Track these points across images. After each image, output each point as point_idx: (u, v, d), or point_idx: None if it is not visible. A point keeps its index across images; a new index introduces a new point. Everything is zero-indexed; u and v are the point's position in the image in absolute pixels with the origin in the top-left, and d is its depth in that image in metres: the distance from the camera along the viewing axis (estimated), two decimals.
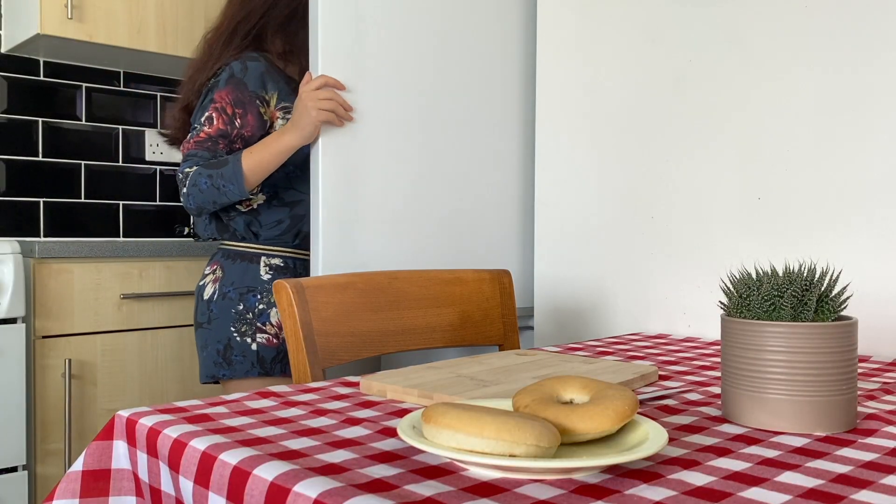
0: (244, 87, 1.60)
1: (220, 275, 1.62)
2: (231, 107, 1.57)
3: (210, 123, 1.56)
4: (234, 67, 1.61)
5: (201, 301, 1.63)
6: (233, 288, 1.59)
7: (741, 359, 0.75)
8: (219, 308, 1.59)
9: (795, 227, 1.35)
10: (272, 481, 0.57)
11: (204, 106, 1.59)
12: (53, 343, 2.00)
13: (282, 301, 1.13)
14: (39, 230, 2.57)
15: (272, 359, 1.58)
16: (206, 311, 1.61)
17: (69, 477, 0.75)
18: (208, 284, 1.63)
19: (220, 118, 1.56)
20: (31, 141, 2.54)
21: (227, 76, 1.59)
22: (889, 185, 1.24)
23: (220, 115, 1.56)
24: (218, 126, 1.56)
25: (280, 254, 1.64)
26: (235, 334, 1.57)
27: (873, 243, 1.26)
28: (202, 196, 1.51)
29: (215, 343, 1.59)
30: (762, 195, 1.39)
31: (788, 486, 0.57)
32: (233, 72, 1.60)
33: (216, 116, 1.56)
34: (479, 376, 0.93)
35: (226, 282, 1.60)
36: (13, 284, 1.92)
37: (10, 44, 2.42)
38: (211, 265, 1.65)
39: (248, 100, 1.59)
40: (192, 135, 1.56)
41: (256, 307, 1.58)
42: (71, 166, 2.62)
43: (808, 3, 1.33)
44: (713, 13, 1.46)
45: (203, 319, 1.62)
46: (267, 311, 1.58)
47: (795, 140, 1.35)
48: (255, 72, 1.61)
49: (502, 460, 0.55)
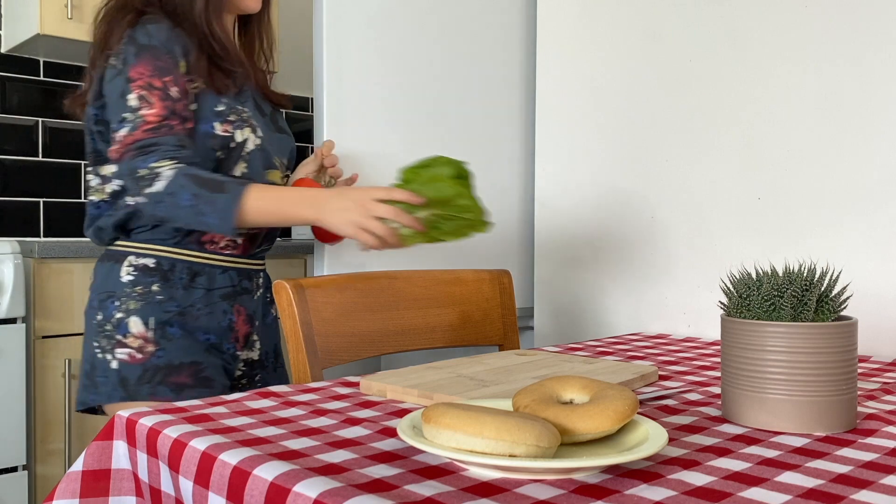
0: (159, 53, 1.25)
1: (91, 281, 1.35)
2: (158, 79, 1.23)
3: (147, 104, 1.21)
4: (134, 36, 1.25)
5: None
6: (94, 295, 1.30)
7: (741, 359, 0.75)
8: (85, 320, 1.32)
9: (795, 227, 1.35)
10: (272, 481, 0.57)
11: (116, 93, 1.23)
12: (53, 343, 2.00)
13: (281, 301, 1.13)
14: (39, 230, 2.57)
15: (137, 379, 1.24)
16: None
17: (69, 477, 0.75)
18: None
19: (154, 94, 1.22)
20: (31, 141, 2.54)
21: (133, 49, 1.24)
22: (889, 184, 1.24)
23: (150, 91, 1.22)
24: (158, 104, 1.22)
25: (153, 253, 1.29)
26: (97, 350, 1.27)
27: (873, 243, 1.26)
28: (175, 211, 1.18)
29: (84, 363, 1.30)
30: (762, 195, 1.39)
31: (788, 486, 0.57)
32: (136, 41, 1.25)
33: (148, 94, 1.22)
34: (479, 376, 0.93)
35: (92, 288, 1.32)
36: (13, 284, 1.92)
37: (10, 44, 2.43)
38: None
39: (170, 66, 1.25)
40: (127, 128, 1.21)
41: (114, 316, 1.26)
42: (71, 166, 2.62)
43: (808, 3, 1.33)
44: (713, 13, 1.46)
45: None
46: (125, 321, 1.25)
47: (795, 140, 1.35)
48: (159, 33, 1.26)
49: (502, 460, 0.55)
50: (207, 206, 1.17)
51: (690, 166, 1.49)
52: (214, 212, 1.17)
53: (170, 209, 1.18)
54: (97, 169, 1.33)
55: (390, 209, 1.11)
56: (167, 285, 1.28)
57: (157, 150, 1.20)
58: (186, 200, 1.17)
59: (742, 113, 1.42)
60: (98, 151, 1.32)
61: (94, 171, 1.33)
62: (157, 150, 1.20)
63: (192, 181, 1.17)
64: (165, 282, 1.28)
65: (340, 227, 1.14)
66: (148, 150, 1.20)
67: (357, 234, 1.13)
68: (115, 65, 1.25)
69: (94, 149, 1.33)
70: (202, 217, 1.17)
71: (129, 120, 1.21)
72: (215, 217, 1.17)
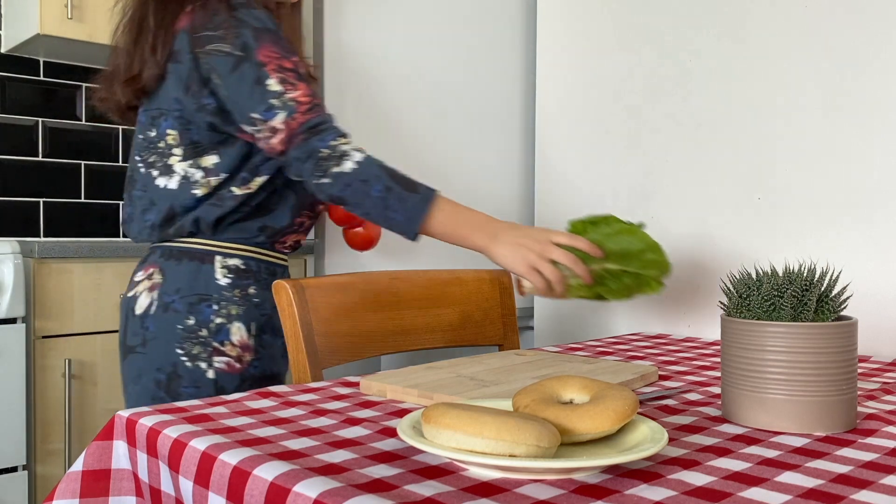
0: (277, 35, 1.18)
1: (158, 280, 1.22)
2: (287, 60, 1.16)
3: (291, 86, 1.14)
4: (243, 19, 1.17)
5: (131, 318, 1.22)
6: (178, 297, 1.20)
7: (741, 359, 0.75)
8: (158, 324, 1.19)
9: (795, 227, 1.35)
10: (272, 481, 0.57)
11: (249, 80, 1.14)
12: (53, 343, 2.00)
13: (281, 301, 1.13)
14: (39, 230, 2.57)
15: (234, 390, 1.20)
16: (140, 330, 1.21)
17: (69, 477, 0.75)
18: (141, 295, 1.22)
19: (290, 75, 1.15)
20: (31, 141, 2.54)
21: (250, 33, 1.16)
22: (889, 184, 1.24)
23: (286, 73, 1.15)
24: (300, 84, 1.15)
25: (239, 253, 1.24)
26: (184, 358, 1.18)
27: (873, 243, 1.26)
28: (363, 198, 1.11)
29: (153, 371, 1.19)
30: (762, 195, 1.39)
31: (788, 486, 0.57)
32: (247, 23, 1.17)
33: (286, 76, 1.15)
34: (479, 376, 0.93)
35: (168, 289, 1.20)
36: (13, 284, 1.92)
37: (10, 44, 2.42)
38: (143, 269, 1.24)
39: (289, 47, 1.19)
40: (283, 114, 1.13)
41: (212, 321, 1.19)
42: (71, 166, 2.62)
43: (809, 3, 1.33)
44: (713, 13, 1.46)
45: (135, 342, 1.21)
46: (226, 327, 1.20)
47: (795, 140, 1.35)
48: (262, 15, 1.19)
49: (502, 460, 0.55)
50: (398, 202, 1.11)
51: (690, 166, 1.49)
52: (403, 210, 1.11)
53: (357, 195, 1.11)
54: (198, 161, 1.21)
55: (569, 256, 1.07)
56: (260, 287, 1.24)
57: (329, 129, 1.14)
58: (378, 191, 1.11)
59: (742, 113, 1.42)
60: (196, 143, 1.21)
61: (195, 164, 1.21)
62: (327, 128, 1.14)
63: (384, 172, 1.12)
64: (258, 283, 1.24)
65: (511, 262, 1.09)
66: (319, 130, 1.13)
67: (528, 273, 1.08)
68: (228, 51, 1.16)
69: (191, 140, 1.21)
70: (388, 212, 1.12)
71: (279, 106, 1.13)
72: (402, 215, 1.12)
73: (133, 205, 1.25)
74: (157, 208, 1.22)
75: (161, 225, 1.23)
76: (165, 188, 1.22)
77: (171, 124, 1.22)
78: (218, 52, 1.16)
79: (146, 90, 1.24)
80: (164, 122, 1.22)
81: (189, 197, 1.22)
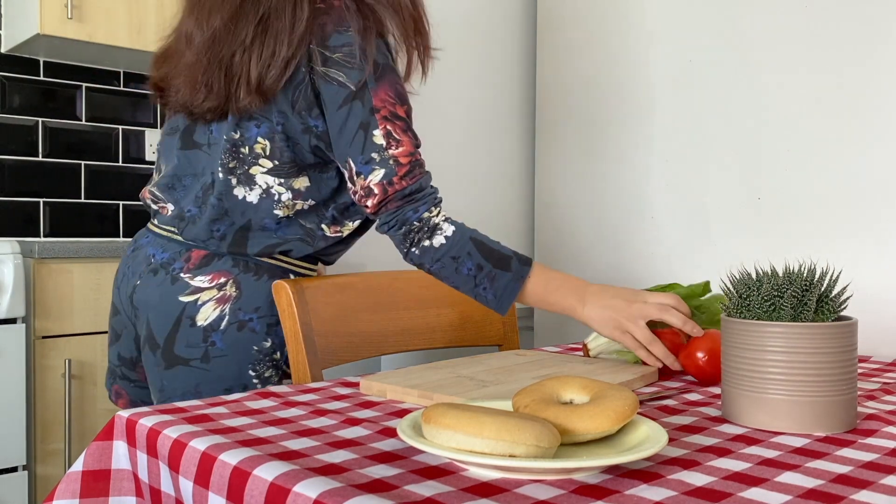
0: (396, 76, 1.11)
1: (232, 293, 1.13)
2: (401, 107, 1.10)
3: (395, 143, 1.08)
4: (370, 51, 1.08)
5: (191, 328, 1.12)
6: (257, 316, 1.13)
7: (741, 359, 0.75)
8: (230, 342, 1.12)
9: (795, 227, 1.35)
10: (272, 482, 0.57)
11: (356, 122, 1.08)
12: (53, 343, 2.00)
13: (281, 301, 1.13)
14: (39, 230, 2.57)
15: None
16: (202, 343, 1.12)
17: (69, 477, 0.75)
18: (207, 304, 1.12)
19: (398, 127, 1.09)
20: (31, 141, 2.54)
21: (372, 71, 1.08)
22: (889, 185, 1.24)
23: (395, 124, 1.09)
24: (406, 139, 1.09)
25: (306, 271, 1.23)
26: (256, 380, 1.13)
27: (873, 243, 1.26)
28: (451, 275, 1.10)
29: (220, 391, 1.13)
30: (762, 195, 1.39)
31: (788, 487, 0.57)
32: (373, 57, 1.08)
33: (394, 129, 1.08)
34: (479, 376, 0.93)
35: (244, 305, 1.13)
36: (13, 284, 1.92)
37: (10, 44, 2.43)
38: (210, 275, 1.14)
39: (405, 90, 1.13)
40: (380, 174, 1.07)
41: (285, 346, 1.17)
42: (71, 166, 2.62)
43: (808, 4, 1.33)
44: (713, 13, 1.46)
45: (192, 355, 1.12)
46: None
47: (795, 140, 1.35)
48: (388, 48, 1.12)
49: (502, 460, 0.55)
50: (488, 280, 1.09)
51: (690, 166, 1.49)
52: (493, 289, 1.10)
53: (447, 270, 1.10)
54: (289, 182, 1.14)
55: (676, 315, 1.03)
56: None
57: (424, 199, 1.10)
58: (468, 270, 1.09)
59: (742, 113, 1.42)
60: (293, 162, 1.14)
61: (286, 184, 1.14)
62: (422, 198, 1.10)
63: (477, 249, 1.09)
64: None
65: (599, 325, 1.07)
66: (414, 199, 1.09)
67: (620, 337, 1.05)
68: (343, 81, 1.08)
69: (290, 158, 1.13)
70: (479, 289, 1.10)
71: (379, 162, 1.08)
72: (492, 294, 1.10)
73: (202, 208, 1.15)
74: (231, 220, 1.14)
75: (233, 240, 1.15)
76: (244, 200, 1.14)
77: (265, 133, 1.12)
78: (333, 79, 1.08)
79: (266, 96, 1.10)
80: (255, 129, 1.12)
81: (269, 216, 1.14)
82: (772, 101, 1.38)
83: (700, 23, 1.48)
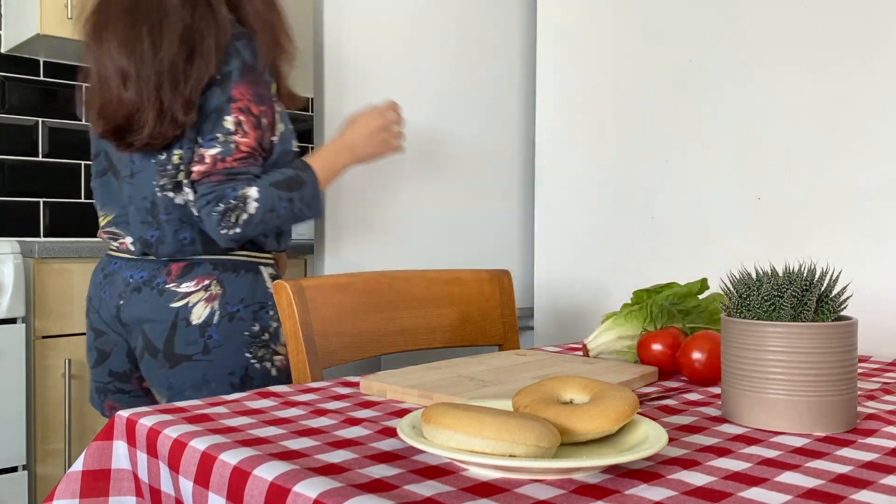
0: (260, 78, 1.26)
1: (216, 291, 1.28)
2: (256, 106, 1.25)
3: (242, 132, 1.23)
4: (241, 50, 1.24)
5: (188, 328, 1.26)
6: (243, 306, 1.29)
7: (741, 359, 0.75)
8: (224, 333, 1.27)
9: (795, 227, 1.35)
10: (272, 481, 0.57)
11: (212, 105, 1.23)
12: (53, 343, 2.00)
13: (281, 301, 1.13)
14: (39, 230, 2.57)
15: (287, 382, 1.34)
16: (199, 339, 1.26)
17: (69, 477, 0.75)
18: (198, 305, 1.27)
19: (250, 122, 1.24)
20: (31, 141, 2.54)
21: (238, 65, 1.23)
22: (889, 185, 1.24)
23: (247, 117, 1.23)
24: (252, 133, 1.24)
25: (270, 261, 1.38)
26: (253, 360, 1.29)
27: (873, 243, 1.26)
28: (275, 221, 1.25)
29: (226, 376, 1.27)
30: (762, 195, 1.39)
31: (788, 486, 0.57)
32: (243, 57, 1.24)
33: (245, 121, 1.23)
34: (479, 376, 0.93)
35: (230, 299, 1.28)
36: (13, 284, 1.92)
37: (10, 44, 2.42)
38: (195, 280, 1.28)
39: (267, 95, 1.28)
40: (217, 150, 1.22)
41: (271, 326, 1.32)
42: (71, 166, 2.62)
43: (808, 4, 1.33)
44: (713, 13, 1.46)
45: (192, 351, 1.26)
46: (279, 329, 1.33)
47: (795, 140, 1.35)
48: (256, 52, 1.27)
49: (502, 460, 0.55)
50: (300, 203, 1.28)
51: (690, 166, 1.49)
52: (307, 206, 1.29)
53: (271, 222, 1.25)
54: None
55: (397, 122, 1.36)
56: None
57: (244, 179, 1.23)
58: (284, 210, 1.26)
59: (742, 113, 1.42)
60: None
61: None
62: (243, 178, 1.23)
63: (279, 189, 1.25)
64: None
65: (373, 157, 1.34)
66: (236, 178, 1.23)
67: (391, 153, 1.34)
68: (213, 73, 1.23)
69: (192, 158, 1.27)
70: (300, 214, 1.29)
71: (221, 141, 1.22)
72: (310, 210, 1.30)
73: (161, 228, 1.28)
74: (189, 224, 1.28)
75: (202, 240, 1.30)
76: (186, 205, 1.28)
77: (179, 144, 1.26)
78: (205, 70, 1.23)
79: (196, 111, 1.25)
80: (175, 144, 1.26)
81: None
82: (772, 101, 1.38)
83: (700, 23, 1.48)
